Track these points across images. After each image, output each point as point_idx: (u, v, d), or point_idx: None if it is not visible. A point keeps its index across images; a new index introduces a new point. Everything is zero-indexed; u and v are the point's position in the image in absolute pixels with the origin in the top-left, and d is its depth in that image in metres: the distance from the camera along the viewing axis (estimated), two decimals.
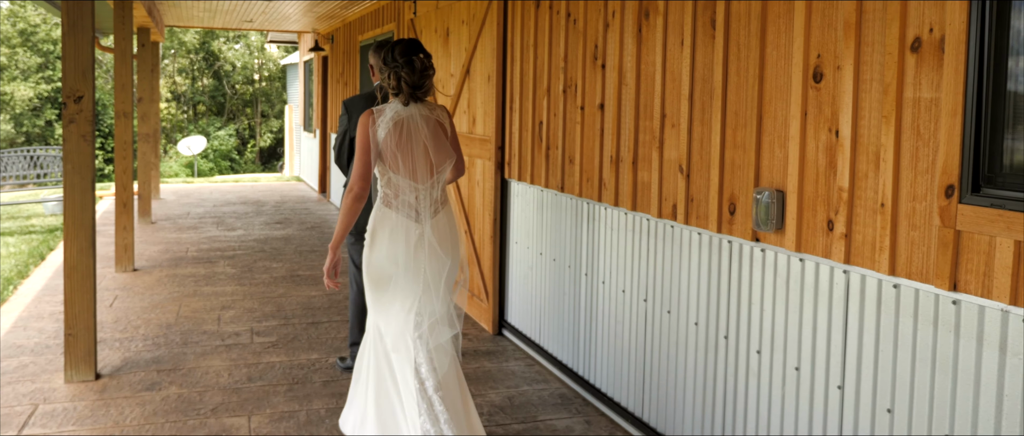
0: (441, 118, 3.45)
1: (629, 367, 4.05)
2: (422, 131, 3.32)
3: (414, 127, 3.31)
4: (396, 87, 3.34)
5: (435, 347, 3.28)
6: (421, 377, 3.24)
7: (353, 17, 11.26)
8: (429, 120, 3.37)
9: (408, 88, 3.32)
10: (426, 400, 3.20)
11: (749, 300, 3.18)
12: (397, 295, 3.31)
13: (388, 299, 3.34)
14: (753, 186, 3.11)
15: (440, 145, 3.38)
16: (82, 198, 4.57)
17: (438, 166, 3.38)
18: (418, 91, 3.34)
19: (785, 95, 2.96)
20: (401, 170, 3.31)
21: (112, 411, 4.21)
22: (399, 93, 3.34)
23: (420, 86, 3.33)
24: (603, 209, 4.27)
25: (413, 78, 3.31)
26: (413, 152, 3.31)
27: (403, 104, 3.35)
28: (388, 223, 3.31)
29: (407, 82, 3.31)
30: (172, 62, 32.50)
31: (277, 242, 9.40)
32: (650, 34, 3.81)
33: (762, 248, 3.09)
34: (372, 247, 3.35)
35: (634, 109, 3.94)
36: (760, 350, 3.11)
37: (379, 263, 3.33)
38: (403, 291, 3.29)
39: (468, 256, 6.21)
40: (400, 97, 3.35)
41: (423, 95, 3.37)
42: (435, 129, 3.38)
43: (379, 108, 3.38)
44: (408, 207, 3.30)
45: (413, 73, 3.30)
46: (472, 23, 6.07)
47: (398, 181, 3.32)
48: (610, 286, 4.21)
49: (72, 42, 4.49)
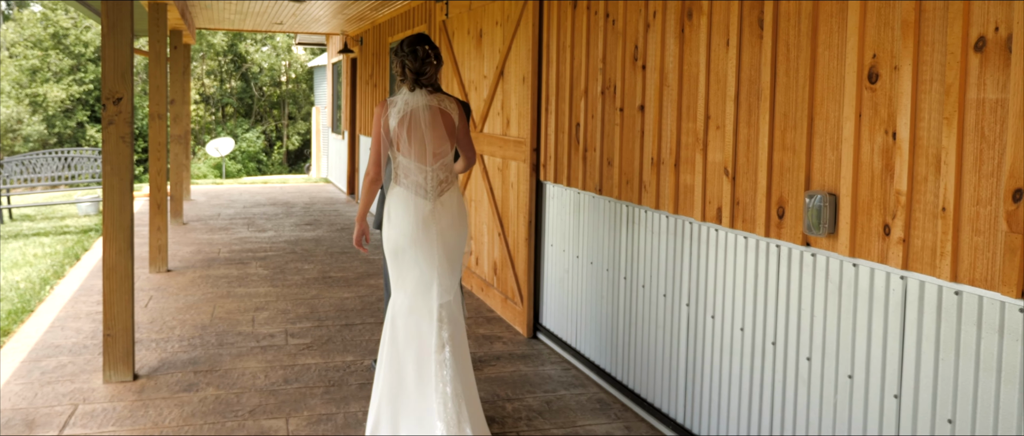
0: (447, 108, 3.77)
1: (670, 372, 3.99)
2: (424, 119, 3.67)
3: (419, 115, 3.67)
4: (402, 74, 3.73)
5: (447, 316, 3.59)
6: (432, 342, 3.55)
7: (383, 19, 11.27)
8: (433, 109, 3.72)
9: (411, 74, 3.70)
10: (437, 363, 3.50)
11: (798, 305, 3.11)
12: (410, 266, 3.65)
13: (403, 270, 3.67)
14: (804, 189, 3.04)
15: (437, 134, 3.70)
16: (121, 199, 4.58)
17: (442, 150, 3.72)
18: (421, 77, 3.71)
19: (838, 96, 2.89)
20: (409, 153, 3.67)
21: (151, 412, 4.21)
22: (404, 79, 3.72)
23: (422, 72, 3.70)
24: (643, 212, 4.22)
25: (415, 65, 3.68)
26: (419, 139, 3.67)
27: (409, 89, 3.72)
28: (399, 200, 3.68)
29: (410, 68, 3.69)
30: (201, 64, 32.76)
31: (308, 243, 9.41)
32: (693, 34, 3.76)
33: (813, 253, 3.03)
34: (388, 223, 3.72)
35: (676, 110, 3.89)
36: (810, 357, 3.05)
37: (394, 237, 3.69)
38: (415, 262, 3.64)
39: (501, 259, 6.17)
40: (406, 83, 3.73)
41: (427, 81, 3.73)
42: (436, 118, 3.71)
43: (392, 99, 3.75)
44: (417, 186, 3.66)
45: (416, 60, 3.69)
46: (506, 24, 6.03)
47: (407, 163, 3.69)
48: (650, 290, 4.16)
49: (112, 44, 4.50)
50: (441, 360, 3.51)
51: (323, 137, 19.59)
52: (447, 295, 3.63)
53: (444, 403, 3.44)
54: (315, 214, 11.99)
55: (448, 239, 3.67)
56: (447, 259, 3.67)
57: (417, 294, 3.65)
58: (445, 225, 3.66)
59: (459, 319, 3.71)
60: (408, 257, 3.65)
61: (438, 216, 3.65)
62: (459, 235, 3.73)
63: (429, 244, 3.62)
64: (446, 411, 3.42)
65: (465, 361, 3.69)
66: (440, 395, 3.46)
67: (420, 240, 3.62)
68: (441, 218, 3.65)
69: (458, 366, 3.55)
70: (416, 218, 3.63)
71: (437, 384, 3.48)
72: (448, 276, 3.65)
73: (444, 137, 3.72)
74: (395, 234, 3.68)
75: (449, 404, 3.43)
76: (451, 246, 3.69)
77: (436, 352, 3.52)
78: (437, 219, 3.65)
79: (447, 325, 3.58)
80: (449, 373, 3.49)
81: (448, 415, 3.41)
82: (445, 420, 3.40)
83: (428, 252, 3.63)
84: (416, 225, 3.63)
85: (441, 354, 3.52)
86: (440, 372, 3.49)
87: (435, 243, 3.63)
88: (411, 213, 3.64)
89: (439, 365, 3.50)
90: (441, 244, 3.64)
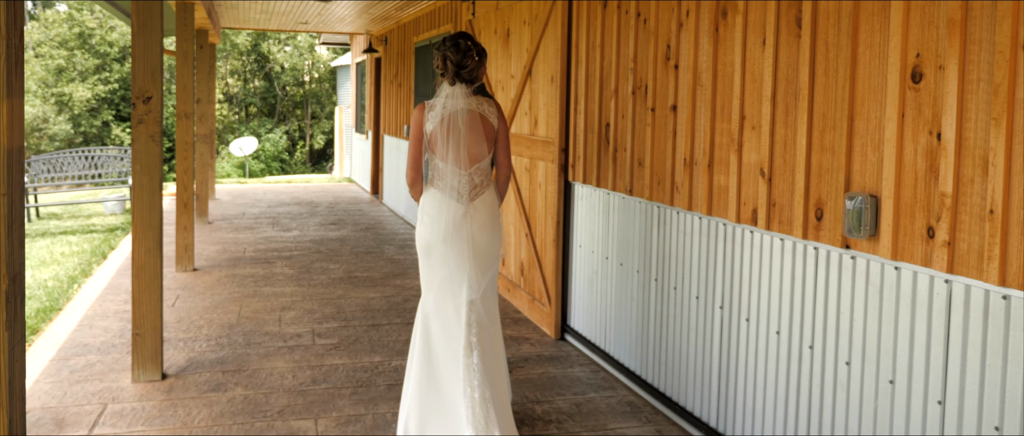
0: (487, 113, 3.75)
1: (703, 375, 3.94)
2: (463, 123, 3.66)
3: (457, 119, 3.66)
4: (443, 66, 3.71)
5: (476, 317, 3.57)
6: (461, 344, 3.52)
7: (408, 19, 11.26)
8: (472, 114, 3.70)
9: (453, 66, 3.68)
10: (465, 367, 3.46)
11: (837, 309, 3.06)
12: (439, 265, 3.64)
13: (433, 270, 3.67)
14: (843, 191, 2.99)
15: (475, 138, 3.69)
16: (150, 198, 4.59)
17: (479, 155, 3.71)
18: (462, 70, 3.69)
19: (879, 96, 2.84)
20: (446, 157, 3.67)
21: (180, 411, 4.21)
22: (445, 73, 3.71)
23: (463, 65, 3.69)
24: (675, 213, 4.17)
25: (457, 57, 3.67)
26: (456, 142, 3.66)
27: (449, 83, 3.71)
28: (433, 202, 3.68)
29: (452, 61, 3.68)
30: (224, 64, 32.95)
31: (333, 243, 9.42)
32: (728, 33, 3.71)
33: (853, 255, 2.97)
34: (421, 223, 3.73)
35: (710, 111, 3.84)
36: (850, 361, 2.99)
37: (425, 236, 3.69)
38: (445, 262, 3.63)
39: (529, 260, 6.14)
40: (446, 77, 3.71)
41: (468, 75, 3.71)
42: (474, 122, 3.69)
43: (430, 102, 3.76)
44: (451, 189, 3.66)
45: (457, 53, 3.67)
46: (534, 24, 6.00)
47: (443, 167, 3.69)
48: (682, 292, 4.11)
49: (141, 43, 4.51)
50: (470, 364, 3.48)
51: (346, 137, 19.63)
52: (475, 296, 3.60)
53: (472, 407, 3.41)
54: (339, 214, 12.01)
55: (479, 241, 3.66)
56: (478, 260, 3.65)
57: (446, 294, 3.64)
58: (476, 227, 3.65)
59: (491, 321, 3.68)
60: (437, 256, 3.65)
61: (470, 219, 3.65)
62: (491, 238, 3.71)
63: (460, 245, 3.62)
64: (474, 415, 3.39)
65: (497, 364, 3.67)
66: (468, 399, 3.43)
67: (451, 240, 3.62)
68: (473, 221, 3.65)
69: (488, 370, 3.52)
70: (448, 220, 3.63)
71: (466, 388, 3.45)
72: (478, 277, 3.64)
73: (482, 142, 3.71)
74: (426, 233, 3.69)
75: (477, 408, 3.40)
76: (482, 248, 3.67)
77: (465, 355, 3.50)
78: (469, 222, 3.64)
79: (476, 327, 3.55)
80: (478, 378, 3.46)
81: (476, 419, 3.39)
82: (474, 424, 3.38)
83: (458, 252, 3.62)
84: (447, 226, 3.63)
85: (470, 358, 3.49)
86: (469, 376, 3.46)
87: (466, 244, 3.62)
88: (443, 215, 3.64)
89: (467, 369, 3.47)
90: (471, 246, 3.63)
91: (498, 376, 3.66)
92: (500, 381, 3.68)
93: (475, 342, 3.52)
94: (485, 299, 3.67)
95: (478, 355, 3.50)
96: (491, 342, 3.65)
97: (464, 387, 3.44)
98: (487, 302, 3.68)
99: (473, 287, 3.61)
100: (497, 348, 3.73)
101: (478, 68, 3.75)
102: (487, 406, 3.42)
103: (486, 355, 3.55)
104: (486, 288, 3.69)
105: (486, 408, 3.41)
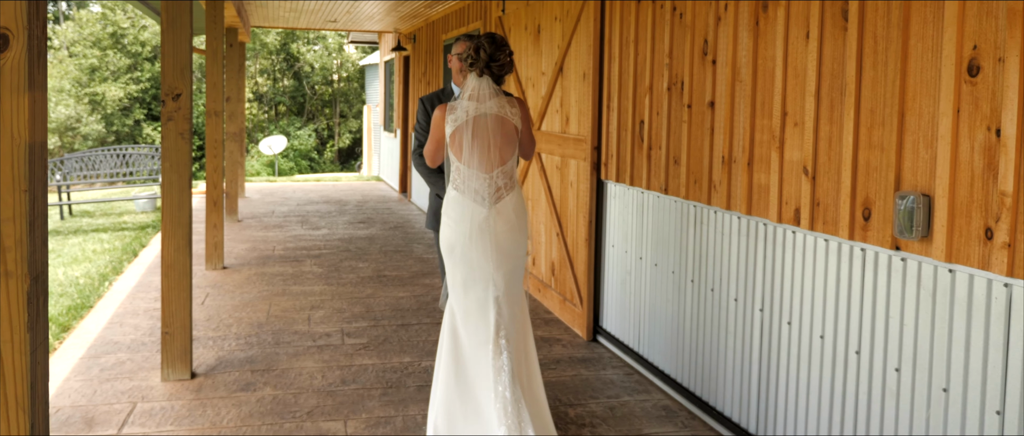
0: (510, 116, 3.67)
1: (742, 380, 3.83)
2: (488, 127, 3.60)
3: (483, 123, 3.59)
4: (474, 57, 3.62)
5: (503, 316, 3.50)
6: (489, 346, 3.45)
7: (437, 16, 11.20)
8: (496, 118, 3.63)
9: (485, 57, 3.60)
10: (494, 367, 3.39)
11: (886, 313, 2.94)
12: (463, 265, 3.58)
13: (458, 272, 3.60)
14: (893, 190, 2.87)
15: (501, 143, 3.63)
16: (180, 196, 4.55)
17: (503, 159, 3.64)
18: (493, 63, 3.62)
19: (932, 91, 2.71)
20: (470, 162, 3.59)
21: (209, 411, 4.17)
22: (474, 63, 3.62)
23: (496, 59, 3.61)
24: (712, 213, 4.06)
25: (491, 49, 3.60)
26: (480, 146, 3.59)
27: (477, 75, 3.63)
28: (456, 205, 3.61)
29: (486, 50, 3.60)
30: (254, 63, 33.13)
31: (362, 242, 9.38)
32: (768, 27, 3.59)
33: (903, 257, 2.85)
34: (444, 224, 3.68)
35: (749, 107, 3.72)
36: (899, 368, 2.87)
37: (449, 238, 3.63)
38: (467, 261, 3.57)
39: (560, 259, 6.05)
40: (475, 68, 3.63)
41: (498, 69, 3.63)
42: (498, 127, 3.63)
43: (451, 105, 3.67)
44: (474, 193, 3.58)
45: (493, 45, 3.61)
46: (566, 19, 5.90)
47: (467, 171, 3.61)
48: (720, 294, 4.00)
49: (170, 40, 4.47)
50: (499, 364, 3.41)
51: (375, 135, 19.63)
52: (501, 295, 3.54)
53: (504, 407, 3.33)
54: (368, 212, 11.98)
55: (503, 241, 3.59)
56: (502, 260, 3.58)
57: (471, 295, 3.57)
58: (500, 227, 3.59)
59: (520, 320, 3.61)
60: (461, 256, 3.59)
61: (494, 220, 3.58)
62: (516, 238, 3.63)
63: (484, 245, 3.56)
64: (507, 414, 3.31)
65: (529, 364, 3.61)
66: (500, 399, 3.35)
67: (475, 241, 3.56)
68: (497, 222, 3.58)
69: (518, 369, 3.45)
70: (471, 222, 3.57)
71: (495, 386, 3.37)
72: (502, 277, 3.57)
73: (506, 145, 3.66)
74: (450, 234, 3.64)
75: (509, 408, 3.32)
76: (506, 247, 3.59)
77: (493, 355, 3.43)
78: (492, 223, 3.58)
79: (505, 327, 3.49)
80: (508, 377, 3.38)
81: (509, 419, 3.30)
82: (506, 424, 3.30)
83: (482, 252, 3.56)
84: (471, 228, 3.57)
85: (499, 358, 3.42)
86: (498, 376, 3.38)
87: (490, 244, 3.56)
88: (466, 218, 3.58)
89: (496, 369, 3.40)
90: (495, 245, 3.57)
91: (530, 376, 3.59)
92: (533, 381, 3.61)
93: (504, 342, 3.45)
94: (513, 298, 3.60)
95: (507, 355, 3.42)
96: (521, 341, 3.58)
97: (494, 386, 3.37)
98: (515, 301, 3.61)
99: (499, 286, 3.55)
100: (528, 347, 3.65)
101: (509, 66, 3.68)
102: (519, 405, 3.34)
103: (516, 354, 3.48)
104: (513, 287, 3.62)
105: (518, 407, 3.33)
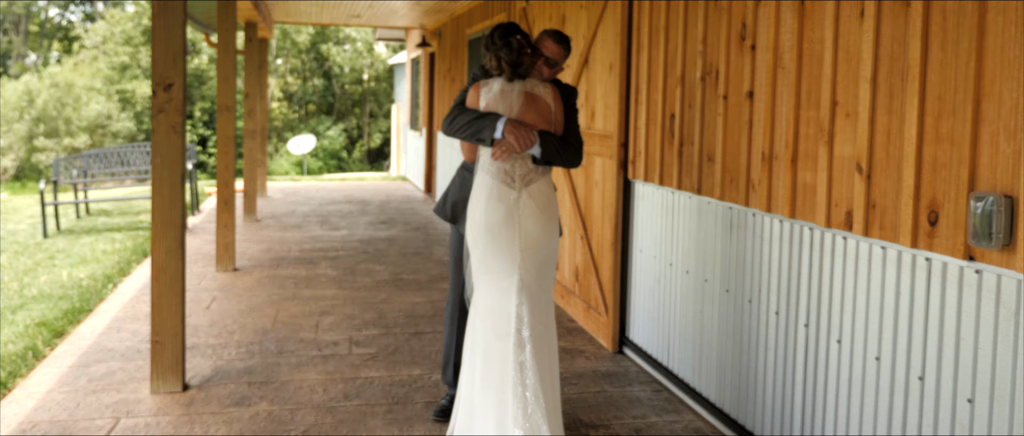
0: (541, 93, 3.56)
1: (784, 403, 3.41)
2: (516, 104, 3.49)
3: (512, 101, 3.49)
4: (498, 67, 3.54)
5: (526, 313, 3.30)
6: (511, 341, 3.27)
7: (461, 10, 10.85)
8: (526, 95, 3.53)
9: (508, 67, 3.51)
10: (515, 366, 3.23)
11: (956, 333, 2.52)
12: (488, 256, 3.40)
13: (482, 261, 3.42)
14: (967, 190, 2.44)
15: (531, 117, 3.50)
16: (171, 194, 4.22)
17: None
18: (518, 68, 3.52)
19: (1016, 74, 2.29)
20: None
21: (197, 428, 3.83)
22: (501, 73, 3.54)
23: (519, 63, 3.51)
24: (751, 215, 3.65)
25: (511, 56, 3.49)
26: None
27: (507, 80, 3.54)
28: (483, 189, 3.46)
29: (506, 61, 3.50)
30: (285, 62, 33.03)
31: (381, 243, 9.04)
32: (816, 6, 3.18)
33: (978, 269, 2.43)
34: (473, 210, 3.50)
35: (793, 96, 3.31)
36: (973, 398, 2.45)
37: (474, 228, 3.45)
38: (493, 252, 3.39)
39: (584, 264, 5.65)
40: (503, 76, 3.54)
41: (524, 72, 3.54)
42: (529, 103, 3.51)
43: (486, 81, 3.60)
44: (504, 173, 3.45)
45: (511, 52, 3.49)
46: (591, 8, 5.51)
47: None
48: (758, 306, 3.59)
49: (161, 25, 4.14)
50: (520, 360, 3.22)
51: (402, 135, 19.34)
52: (527, 285, 3.34)
53: (524, 407, 3.16)
54: (390, 213, 11.66)
55: (531, 232, 3.40)
56: (529, 253, 3.38)
57: (494, 288, 3.38)
58: (528, 216, 3.41)
59: (543, 318, 3.38)
60: (484, 247, 3.41)
61: (523, 206, 3.42)
62: (545, 229, 3.44)
63: (511, 235, 3.38)
64: (526, 415, 3.15)
65: (550, 365, 3.37)
66: (519, 398, 3.17)
67: (500, 230, 3.39)
68: (525, 208, 3.42)
69: (540, 368, 3.25)
70: (498, 207, 3.41)
71: (515, 386, 3.19)
72: (531, 269, 3.37)
73: (538, 120, 3.52)
74: (476, 221, 3.46)
75: (529, 408, 3.17)
76: (534, 239, 3.40)
77: (515, 353, 3.24)
78: (521, 209, 3.41)
79: (529, 321, 3.28)
80: (530, 377, 3.21)
81: (527, 418, 3.15)
82: (522, 424, 3.14)
83: (509, 243, 3.37)
84: (497, 214, 3.40)
85: (521, 354, 3.23)
86: (519, 373, 3.20)
87: (516, 235, 3.38)
88: (494, 201, 3.41)
89: (517, 366, 3.21)
90: (522, 236, 3.38)
91: (550, 376, 3.35)
92: (552, 381, 3.37)
93: (528, 335, 3.26)
94: (540, 293, 3.39)
95: (530, 349, 3.24)
96: (544, 340, 3.35)
97: (514, 386, 3.19)
98: (542, 296, 3.40)
99: (524, 277, 3.34)
100: (551, 348, 3.41)
101: (534, 63, 3.57)
102: (538, 404, 3.17)
103: (540, 353, 3.28)
104: (542, 281, 3.41)
105: (537, 407, 3.17)
